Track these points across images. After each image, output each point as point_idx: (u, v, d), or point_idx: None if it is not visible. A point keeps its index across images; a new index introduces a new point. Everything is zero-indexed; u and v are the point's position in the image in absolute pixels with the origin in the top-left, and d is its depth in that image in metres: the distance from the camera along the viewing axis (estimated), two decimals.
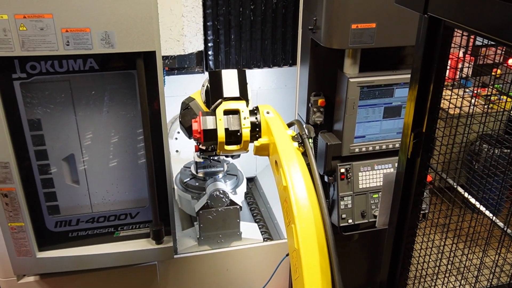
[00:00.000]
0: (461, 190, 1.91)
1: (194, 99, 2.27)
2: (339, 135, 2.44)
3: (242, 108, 1.97)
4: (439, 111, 1.47)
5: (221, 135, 1.92)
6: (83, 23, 1.94)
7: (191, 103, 2.25)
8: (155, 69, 2.12)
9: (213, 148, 2.01)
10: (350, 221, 2.51)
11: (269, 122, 1.93)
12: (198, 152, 2.52)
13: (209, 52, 2.99)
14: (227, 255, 2.81)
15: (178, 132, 3.32)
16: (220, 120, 1.93)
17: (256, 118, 1.97)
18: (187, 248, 2.77)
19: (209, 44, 2.95)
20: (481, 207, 1.80)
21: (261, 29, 2.98)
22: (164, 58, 2.88)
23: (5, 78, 2.03)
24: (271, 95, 3.47)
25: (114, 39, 1.99)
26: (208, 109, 2.14)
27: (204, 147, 2.09)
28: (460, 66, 1.77)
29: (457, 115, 1.55)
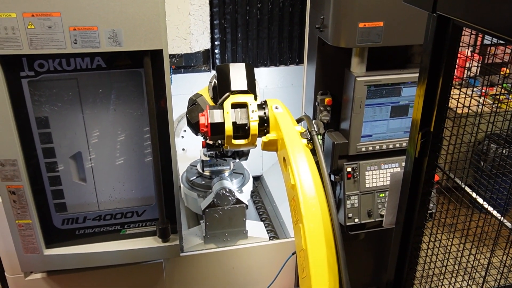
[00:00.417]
0: (469, 190, 1.90)
1: (202, 95, 2.22)
2: (346, 134, 2.43)
3: (250, 102, 1.92)
4: (447, 110, 1.46)
5: (229, 129, 1.88)
6: (91, 22, 1.95)
7: (199, 99, 2.20)
8: (162, 68, 2.12)
9: (221, 144, 1.98)
10: (357, 220, 2.51)
11: (278, 118, 1.89)
12: (206, 149, 2.49)
13: (216, 51, 3.00)
14: (233, 254, 2.82)
15: (185, 131, 3.32)
16: (228, 114, 1.89)
17: (265, 113, 1.92)
18: (193, 246, 2.77)
19: (216, 43, 2.96)
20: (489, 207, 1.79)
21: (268, 28, 2.98)
22: (171, 57, 2.89)
23: (13, 76, 2.04)
24: (278, 94, 3.46)
25: (122, 38, 1.99)
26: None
27: (212, 142, 2.07)
28: (469, 65, 1.76)
29: (465, 115, 1.54)
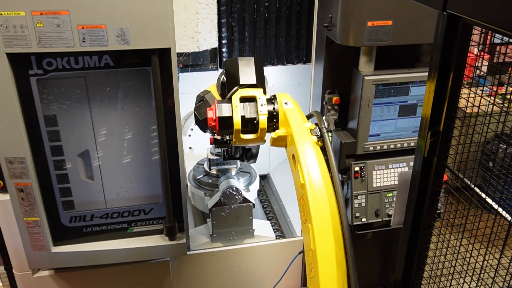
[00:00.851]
0: (478, 190, 1.88)
1: (210, 92, 2.19)
2: (354, 133, 2.42)
3: (259, 95, 1.88)
4: (457, 110, 1.45)
5: (237, 122, 1.84)
6: (99, 20, 1.95)
7: (207, 96, 2.17)
8: (170, 66, 2.13)
9: (229, 140, 1.95)
10: (364, 220, 2.50)
11: (287, 114, 1.84)
12: (213, 147, 2.47)
13: (223, 49, 3.00)
14: (240, 252, 2.82)
15: (192, 129, 3.33)
16: (236, 107, 1.85)
17: (274, 108, 1.88)
18: (200, 245, 2.78)
19: (223, 41, 2.96)
20: (498, 208, 1.78)
21: (276, 27, 2.98)
22: (179, 55, 2.89)
23: (22, 74, 2.06)
24: (285, 93, 3.45)
25: (130, 36, 2.00)
26: None
27: (220, 137, 2.03)
28: (478, 64, 1.75)
29: (474, 114, 1.53)
